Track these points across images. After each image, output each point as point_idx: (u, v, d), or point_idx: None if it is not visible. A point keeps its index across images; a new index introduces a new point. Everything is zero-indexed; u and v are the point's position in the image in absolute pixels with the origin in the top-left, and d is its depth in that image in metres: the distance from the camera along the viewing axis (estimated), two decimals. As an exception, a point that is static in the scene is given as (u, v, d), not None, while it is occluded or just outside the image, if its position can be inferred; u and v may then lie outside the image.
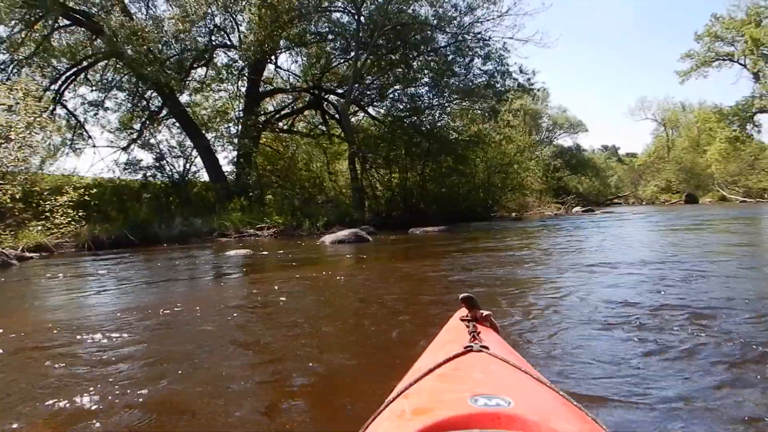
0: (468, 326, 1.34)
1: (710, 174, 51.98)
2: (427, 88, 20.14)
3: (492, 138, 20.84)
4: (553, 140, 56.82)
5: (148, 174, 19.01)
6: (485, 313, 1.45)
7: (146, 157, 20.51)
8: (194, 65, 19.57)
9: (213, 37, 19.14)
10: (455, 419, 0.75)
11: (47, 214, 10.55)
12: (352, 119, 23.04)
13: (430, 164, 19.45)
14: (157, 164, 19.17)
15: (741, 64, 46.51)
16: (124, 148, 19.44)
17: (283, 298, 4.58)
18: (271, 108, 24.25)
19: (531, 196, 27.72)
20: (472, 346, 1.11)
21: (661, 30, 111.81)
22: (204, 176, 20.88)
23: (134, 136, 20.02)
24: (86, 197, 11.32)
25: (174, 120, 20.61)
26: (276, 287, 5.12)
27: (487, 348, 1.12)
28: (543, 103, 60.05)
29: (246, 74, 20.91)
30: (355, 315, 3.98)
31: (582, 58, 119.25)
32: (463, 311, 1.48)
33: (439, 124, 20.00)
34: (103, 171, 19.26)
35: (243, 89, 21.53)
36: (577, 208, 32.77)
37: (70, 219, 10.78)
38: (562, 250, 8.36)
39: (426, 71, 19.78)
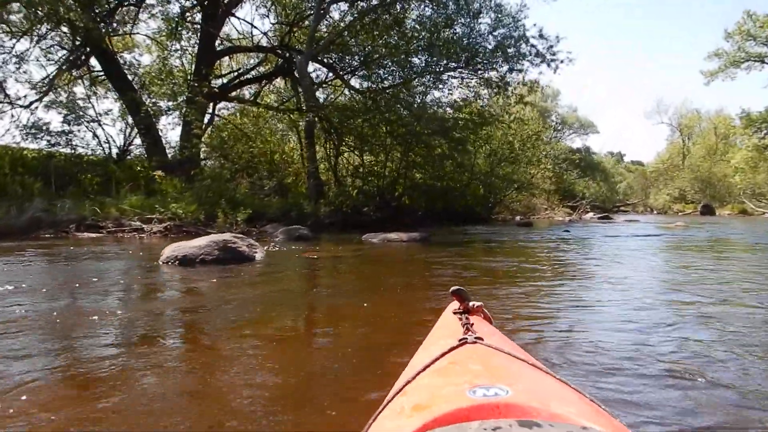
0: (461, 319, 1.34)
1: (729, 184, 49.44)
2: (420, 56, 15.65)
3: (498, 119, 16.38)
4: (562, 141, 53.09)
5: (54, 142, 14.60)
6: (477, 304, 1.46)
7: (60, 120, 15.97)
8: (123, 2, 15.21)
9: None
10: (455, 412, 0.74)
11: None
12: (328, 93, 18.71)
13: (418, 148, 15.01)
14: (67, 130, 14.75)
15: (774, 66, 42.24)
16: (27, 106, 15.01)
17: None
18: (235, 74, 19.89)
19: (540, 197, 23.37)
20: (466, 338, 1.10)
21: (673, 30, 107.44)
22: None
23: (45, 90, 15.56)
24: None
25: (108, 80, 16.46)
26: None
27: (481, 339, 1.10)
28: (553, 101, 56.43)
29: (197, 24, 16.65)
30: None
31: (585, 58, 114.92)
32: (455, 304, 1.49)
33: (430, 98, 15.55)
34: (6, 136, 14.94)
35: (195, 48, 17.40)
36: (590, 214, 28.69)
37: None
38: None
39: (420, 30, 15.31)
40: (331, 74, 18.56)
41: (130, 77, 17.17)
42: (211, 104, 18.99)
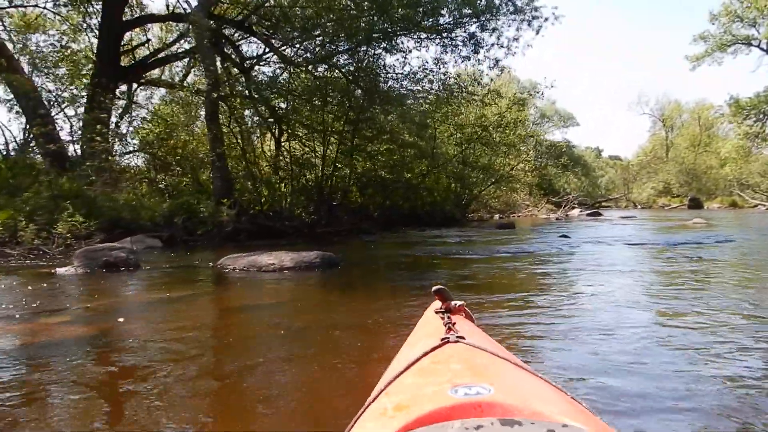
0: (443, 318, 1.34)
1: (716, 176, 47.82)
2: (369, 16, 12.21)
3: (467, 90, 13.00)
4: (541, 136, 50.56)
5: None
6: (459, 303, 1.45)
7: None
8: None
9: None
10: (437, 412, 0.74)
11: None
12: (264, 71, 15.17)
13: (366, 131, 11.63)
14: None
15: (763, 50, 39.91)
16: None
17: None
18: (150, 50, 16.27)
19: (522, 191, 20.19)
20: (448, 338, 1.09)
21: (653, 22, 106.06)
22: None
23: None
24: None
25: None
26: None
27: (463, 338, 1.09)
28: (531, 93, 53.49)
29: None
30: None
31: (561, 50, 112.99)
32: (437, 303, 1.48)
33: (381, 63, 12.12)
34: None
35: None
36: (577, 211, 25.68)
37: None
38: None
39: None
40: (266, 48, 15.11)
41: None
42: (126, 87, 15.62)
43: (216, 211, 8.41)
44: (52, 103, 14.28)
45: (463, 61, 11.96)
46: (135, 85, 16.26)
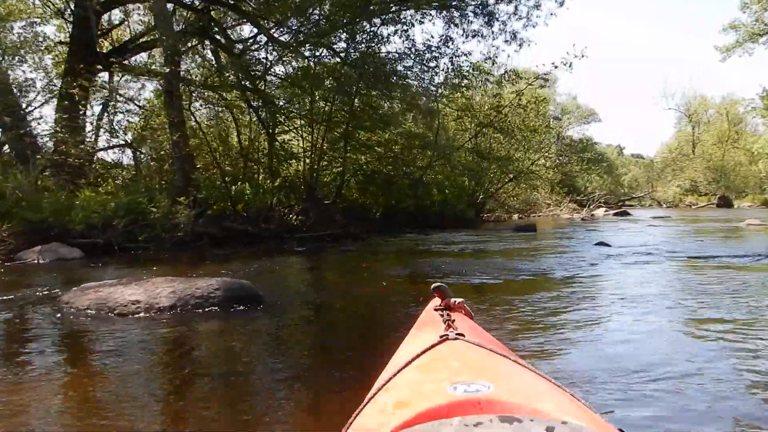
0: (442, 315, 1.32)
1: (746, 173, 45.90)
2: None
3: (481, 74, 11.27)
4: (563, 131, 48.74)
5: None
6: (458, 300, 1.44)
7: None
8: None
9: None
10: (436, 409, 0.74)
11: None
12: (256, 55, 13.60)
13: (364, 118, 10.01)
14: None
15: (797, 38, 37.64)
16: None
17: None
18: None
19: (544, 189, 18.42)
20: (447, 335, 1.08)
21: (678, 17, 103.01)
22: None
23: None
24: None
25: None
26: None
27: (462, 335, 1.09)
28: (551, 88, 51.93)
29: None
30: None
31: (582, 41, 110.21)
32: (437, 301, 1.47)
33: (380, 39, 10.46)
34: None
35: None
36: (601, 210, 23.88)
37: None
38: None
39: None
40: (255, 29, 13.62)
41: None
42: (107, 76, 14.24)
43: (170, 211, 6.87)
44: (23, 91, 12.99)
45: (474, 36, 10.24)
46: (119, 74, 14.93)
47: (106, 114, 14.24)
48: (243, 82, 11.43)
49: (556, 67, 12.20)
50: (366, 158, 11.28)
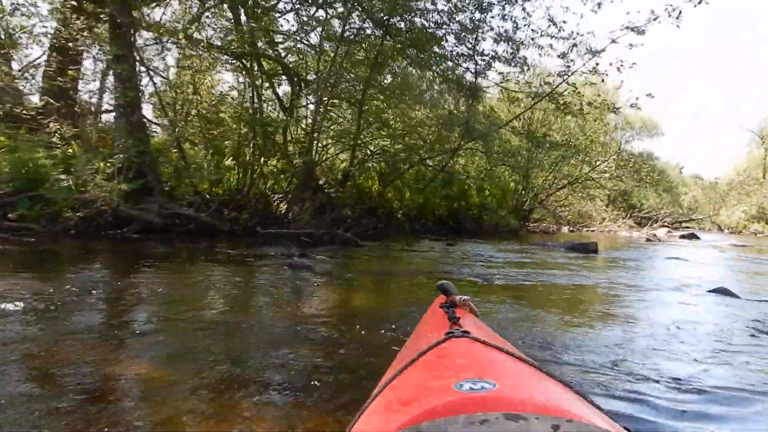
0: (447, 313, 1.30)
1: None
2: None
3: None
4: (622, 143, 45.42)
5: None
6: (464, 298, 1.41)
7: None
8: None
9: None
10: (442, 406, 0.73)
11: None
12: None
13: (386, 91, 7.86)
14: None
15: None
16: None
17: None
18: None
19: (602, 200, 15.94)
20: (453, 332, 1.07)
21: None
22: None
23: None
24: None
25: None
26: None
27: (467, 333, 1.07)
28: (612, 95, 48.57)
29: None
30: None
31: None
32: (442, 298, 1.44)
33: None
34: None
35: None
36: (663, 231, 21.04)
37: None
38: None
39: None
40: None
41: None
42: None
43: (83, 182, 4.91)
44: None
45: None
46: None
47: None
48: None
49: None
50: (392, 143, 9.14)
